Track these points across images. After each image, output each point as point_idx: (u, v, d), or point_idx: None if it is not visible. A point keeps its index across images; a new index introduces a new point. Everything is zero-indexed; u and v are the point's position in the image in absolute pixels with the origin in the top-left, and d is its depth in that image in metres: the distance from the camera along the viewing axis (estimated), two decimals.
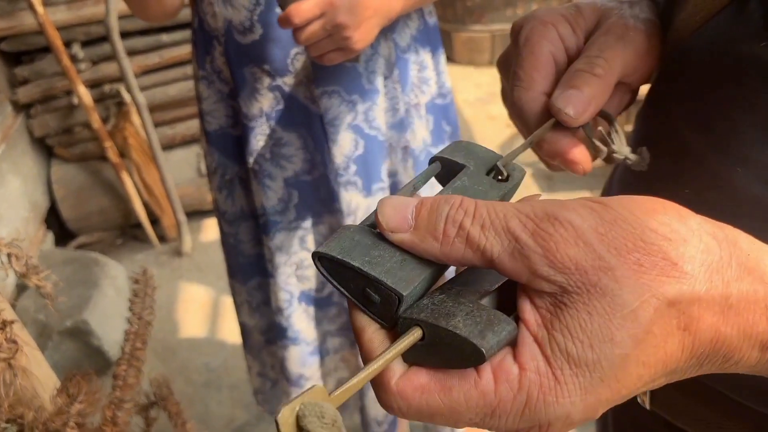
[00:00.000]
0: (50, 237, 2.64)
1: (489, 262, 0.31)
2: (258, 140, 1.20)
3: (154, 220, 2.74)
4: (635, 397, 0.53)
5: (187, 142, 2.76)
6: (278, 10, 1.08)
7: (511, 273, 0.30)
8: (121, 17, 2.39)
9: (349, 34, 0.99)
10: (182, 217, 2.69)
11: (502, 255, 0.30)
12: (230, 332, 2.30)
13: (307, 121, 1.19)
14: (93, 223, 2.76)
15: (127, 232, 2.85)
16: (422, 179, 0.40)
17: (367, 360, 0.33)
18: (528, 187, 2.84)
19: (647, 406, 0.52)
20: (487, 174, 0.40)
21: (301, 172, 1.24)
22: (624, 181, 0.57)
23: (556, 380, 0.29)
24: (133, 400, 1.08)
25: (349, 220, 1.24)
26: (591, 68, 0.44)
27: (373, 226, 0.35)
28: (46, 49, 2.41)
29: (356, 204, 1.23)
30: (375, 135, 1.21)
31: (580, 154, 0.45)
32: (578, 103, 0.43)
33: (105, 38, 2.40)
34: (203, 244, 2.77)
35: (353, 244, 0.33)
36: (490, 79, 3.62)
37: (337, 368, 1.48)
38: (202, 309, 2.44)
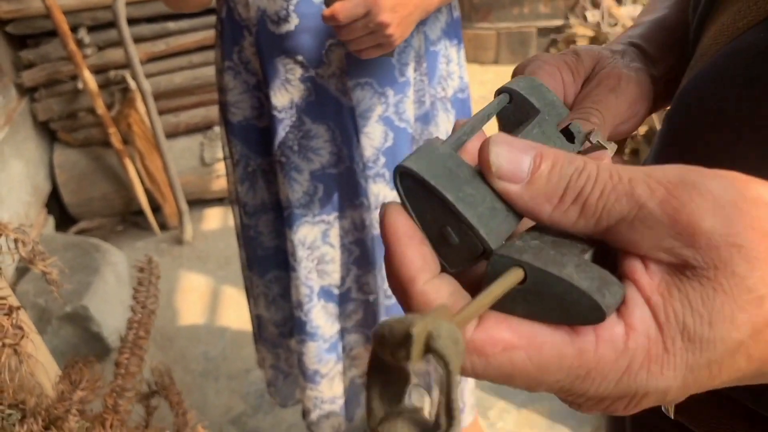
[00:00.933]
0: (51, 221, 2.63)
1: (602, 230, 0.28)
2: (287, 132, 1.20)
3: (156, 208, 2.74)
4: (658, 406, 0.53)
5: (190, 130, 2.76)
6: (317, 1, 1.08)
7: (627, 243, 0.28)
8: (129, 3, 2.39)
9: (391, 32, 1.00)
10: (184, 206, 2.69)
11: (621, 224, 0.27)
12: (229, 322, 2.30)
13: (337, 114, 1.19)
14: (94, 209, 2.76)
15: (128, 219, 2.85)
16: (492, 110, 0.36)
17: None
18: None
19: (671, 416, 0.52)
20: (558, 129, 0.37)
21: (328, 165, 1.24)
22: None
23: (665, 350, 0.26)
24: (135, 389, 1.08)
25: (375, 214, 1.24)
26: (587, 119, 0.42)
27: (457, 147, 0.32)
28: (53, 33, 2.41)
29: (384, 196, 1.24)
30: (404, 127, 1.22)
31: None
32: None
33: (112, 24, 2.39)
34: (204, 233, 2.77)
35: (445, 170, 0.29)
36: (494, 77, 3.62)
37: (352, 366, 1.49)
38: (201, 298, 2.44)
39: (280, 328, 1.48)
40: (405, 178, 0.30)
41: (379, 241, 1.27)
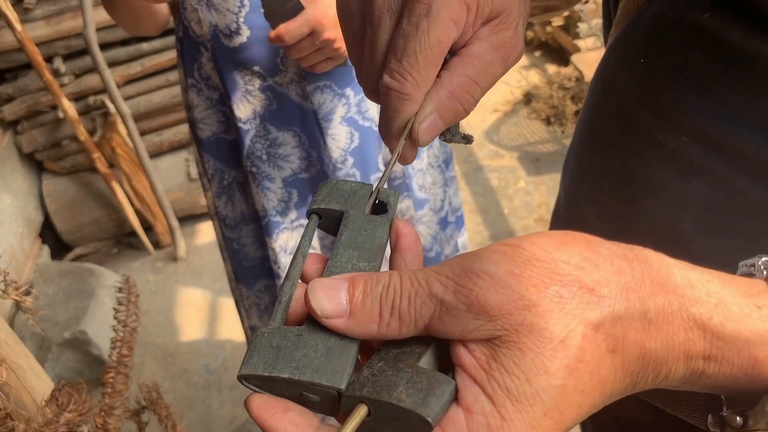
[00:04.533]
0: (46, 251, 2.66)
1: (422, 330, 0.32)
2: (253, 143, 1.22)
3: (148, 227, 2.76)
4: None
5: (174, 148, 2.79)
6: (262, 10, 1.11)
7: (444, 334, 0.31)
8: (101, 29, 2.41)
9: (337, 46, 1.02)
10: (175, 223, 2.71)
11: (433, 321, 0.31)
12: (228, 333, 2.33)
13: (301, 119, 1.21)
14: (88, 234, 2.79)
15: (122, 241, 2.88)
16: (308, 242, 0.40)
17: None
18: (515, 170, 2.85)
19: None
20: (367, 210, 0.41)
21: (299, 170, 1.25)
22: (583, 148, 0.58)
23: (502, 418, 0.30)
24: (123, 406, 1.10)
25: None
26: (466, 102, 0.43)
27: (283, 321, 0.36)
28: (29, 66, 2.44)
29: None
30: (369, 126, 1.23)
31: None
32: (434, 135, 0.43)
33: (86, 51, 2.42)
34: (197, 247, 2.80)
35: (274, 352, 0.33)
36: None
37: None
38: (199, 312, 2.47)
39: None
40: (251, 379, 0.33)
41: None
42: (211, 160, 1.31)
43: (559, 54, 3.56)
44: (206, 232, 2.85)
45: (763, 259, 0.35)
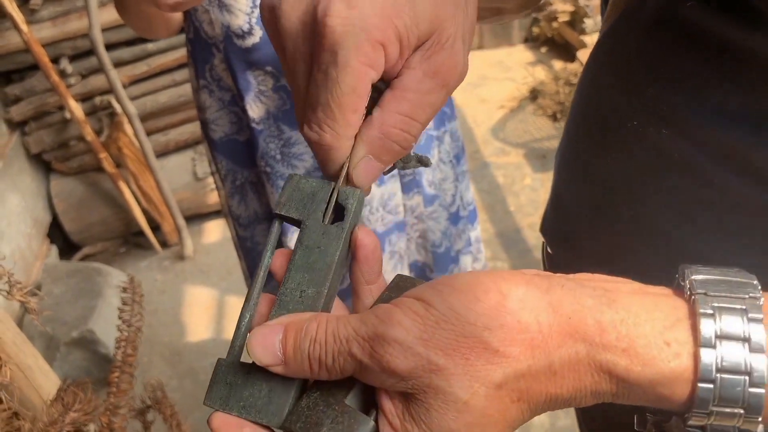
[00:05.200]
0: (54, 251, 2.68)
1: (349, 376, 0.36)
2: (267, 143, 1.22)
3: (155, 227, 2.78)
4: None
5: (181, 147, 2.80)
6: None
7: (366, 382, 0.35)
8: (107, 29, 2.42)
9: None
10: (182, 222, 2.73)
11: (355, 373, 0.35)
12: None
13: None
14: (95, 234, 2.80)
15: (129, 240, 2.89)
16: (270, 253, 0.43)
17: None
18: (521, 167, 2.85)
19: None
20: (324, 216, 0.41)
21: (312, 169, 1.25)
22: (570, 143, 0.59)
23: None
24: (128, 405, 1.11)
25: (364, 211, 1.26)
26: (402, 138, 0.41)
27: (241, 347, 0.41)
28: (35, 67, 2.45)
29: (370, 194, 1.26)
30: None
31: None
32: (374, 176, 0.42)
33: (92, 51, 2.43)
34: (204, 246, 2.81)
35: (228, 389, 0.39)
36: (479, 62, 3.62)
37: None
38: (206, 311, 2.48)
39: None
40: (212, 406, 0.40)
41: None
42: (223, 161, 1.32)
43: (566, 50, 3.55)
44: (213, 231, 2.86)
45: (692, 277, 0.35)
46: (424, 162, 0.45)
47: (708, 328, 0.33)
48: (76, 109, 2.45)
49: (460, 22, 0.40)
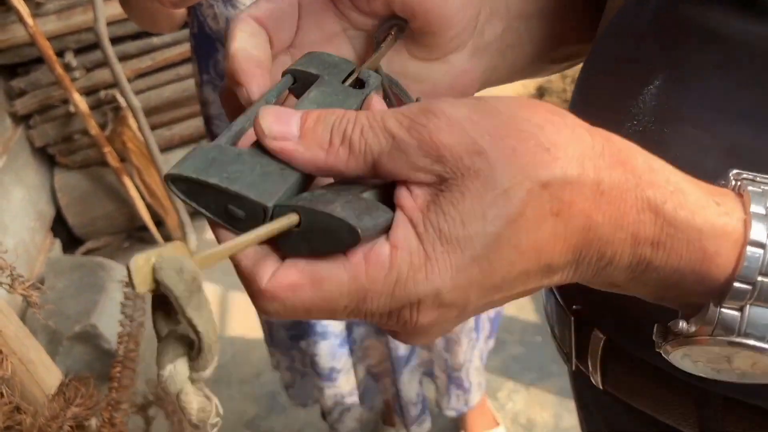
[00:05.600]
0: (58, 244, 2.68)
1: (370, 166, 0.31)
2: None
3: (159, 222, 2.77)
4: (592, 382, 0.54)
5: (185, 142, 2.79)
6: None
7: (391, 172, 0.31)
8: (112, 23, 2.41)
9: None
10: (185, 217, 2.72)
11: (382, 155, 0.31)
12: (238, 327, 2.33)
13: None
14: (99, 228, 2.80)
15: (133, 235, 2.89)
16: (274, 93, 0.38)
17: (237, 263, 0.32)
18: None
19: (600, 386, 0.52)
20: (343, 82, 0.39)
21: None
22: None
23: (427, 257, 0.29)
24: (130, 401, 1.11)
25: None
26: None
27: (231, 143, 0.34)
28: (40, 60, 2.44)
29: None
30: None
31: None
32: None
33: (97, 45, 2.42)
34: (208, 242, 2.80)
35: (208, 161, 0.32)
36: None
37: (365, 356, 1.50)
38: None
39: (290, 331, 1.50)
40: (178, 182, 0.32)
41: None
42: None
43: None
44: None
45: (734, 171, 0.34)
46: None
47: (758, 202, 0.31)
48: (81, 102, 2.44)
49: None
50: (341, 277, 0.30)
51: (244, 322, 2.31)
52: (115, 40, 2.46)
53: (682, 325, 0.33)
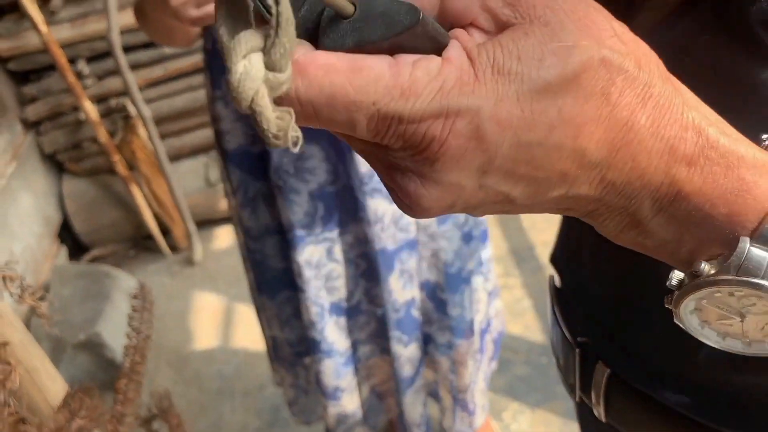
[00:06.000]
0: (64, 251, 2.68)
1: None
2: (281, 156, 1.20)
3: (165, 231, 2.77)
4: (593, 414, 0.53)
5: (195, 152, 2.79)
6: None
7: (456, 8, 0.30)
8: (124, 32, 2.42)
9: None
10: (192, 227, 2.72)
11: None
12: (242, 339, 2.32)
13: (328, 133, 1.19)
14: (105, 236, 2.80)
15: (139, 244, 2.89)
16: None
17: None
18: None
19: (603, 419, 0.52)
20: None
21: (325, 183, 1.24)
22: None
23: (476, 78, 0.28)
24: (135, 414, 1.10)
25: (376, 228, 1.24)
26: None
27: None
28: (53, 67, 2.45)
29: (383, 211, 1.24)
30: None
31: None
32: None
33: (109, 53, 2.43)
34: (214, 252, 2.79)
35: None
36: None
37: (369, 375, 1.49)
38: (214, 317, 2.46)
39: (295, 347, 1.49)
40: None
41: (382, 255, 1.27)
42: (236, 172, 1.30)
43: None
44: (223, 237, 2.85)
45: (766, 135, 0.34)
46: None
47: None
48: (91, 110, 2.45)
49: None
50: (383, 69, 0.28)
51: (249, 334, 2.31)
52: (128, 49, 2.47)
53: (704, 266, 0.32)
